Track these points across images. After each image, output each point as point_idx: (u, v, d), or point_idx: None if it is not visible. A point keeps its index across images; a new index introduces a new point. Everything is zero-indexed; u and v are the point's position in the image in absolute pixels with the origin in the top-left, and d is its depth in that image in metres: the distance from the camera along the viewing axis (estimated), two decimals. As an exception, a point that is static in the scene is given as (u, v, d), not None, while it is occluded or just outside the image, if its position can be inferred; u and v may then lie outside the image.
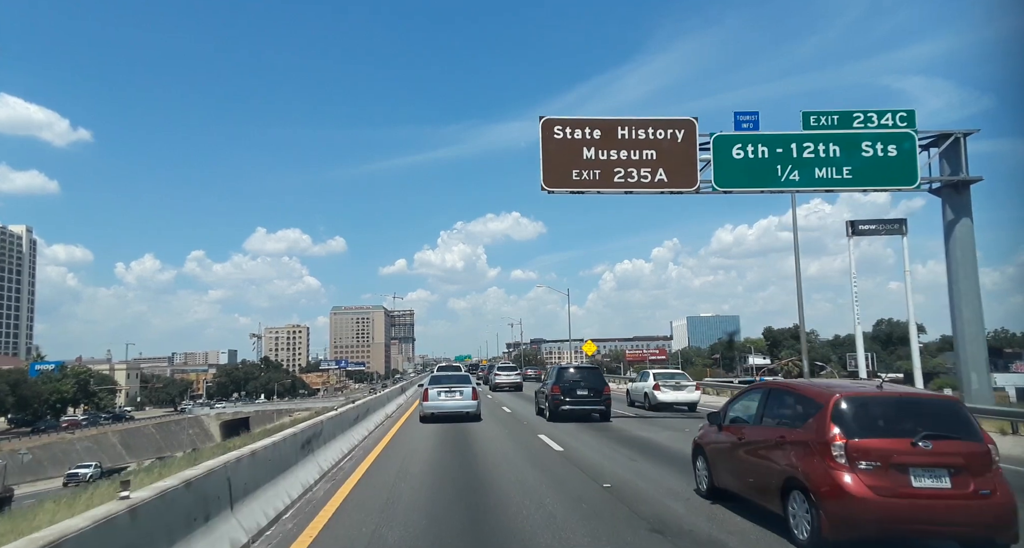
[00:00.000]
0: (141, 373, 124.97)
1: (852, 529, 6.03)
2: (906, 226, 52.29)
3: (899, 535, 6.06)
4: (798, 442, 6.71)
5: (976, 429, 6.36)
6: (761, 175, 19.23)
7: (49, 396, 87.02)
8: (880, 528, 5.98)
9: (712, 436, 8.78)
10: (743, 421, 8.12)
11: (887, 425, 6.41)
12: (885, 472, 6.05)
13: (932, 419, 6.39)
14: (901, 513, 5.95)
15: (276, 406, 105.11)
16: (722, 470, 8.33)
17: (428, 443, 15.07)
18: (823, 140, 19.13)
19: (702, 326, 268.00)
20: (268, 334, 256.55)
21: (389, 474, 10.90)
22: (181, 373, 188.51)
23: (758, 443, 7.52)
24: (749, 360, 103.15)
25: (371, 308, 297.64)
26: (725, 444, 8.29)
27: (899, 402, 6.79)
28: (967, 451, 6.15)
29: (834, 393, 6.67)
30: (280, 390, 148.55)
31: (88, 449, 75.27)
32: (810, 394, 7.02)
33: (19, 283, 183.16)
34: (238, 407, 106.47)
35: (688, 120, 19.52)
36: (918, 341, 22.01)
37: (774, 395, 7.77)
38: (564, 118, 19.61)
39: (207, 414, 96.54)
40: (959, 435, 6.26)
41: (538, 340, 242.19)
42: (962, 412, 6.54)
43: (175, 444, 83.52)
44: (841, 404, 6.49)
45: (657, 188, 19.51)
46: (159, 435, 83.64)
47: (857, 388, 7.05)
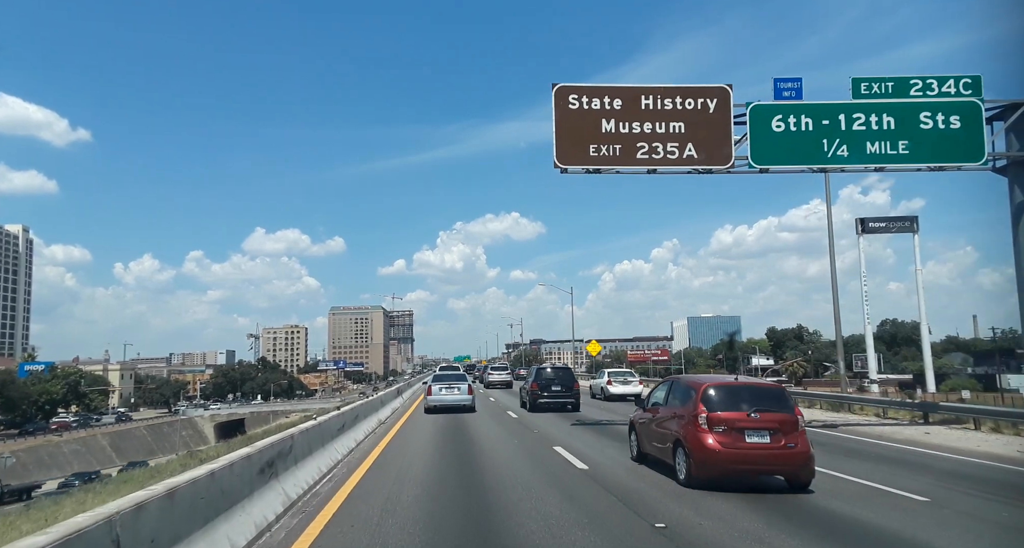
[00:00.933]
0: (136, 374, 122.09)
1: (709, 470, 9.03)
2: (917, 224, 49.94)
3: (738, 473, 9.09)
4: (682, 415, 9.72)
5: (790, 405, 9.45)
6: (804, 150, 16.95)
7: (38, 397, 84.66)
8: (726, 469, 9.01)
9: (640, 416, 11.85)
10: (658, 404, 11.10)
11: (734, 403, 9.33)
12: (730, 433, 9.02)
13: (763, 399, 9.45)
14: (739, 459, 8.97)
15: (272, 407, 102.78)
16: (644, 440, 11.41)
17: (425, 454, 12.81)
18: (876, 110, 16.84)
19: (703, 326, 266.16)
20: (266, 334, 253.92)
21: (375, 501, 8.63)
22: (178, 374, 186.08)
23: (664, 418, 10.56)
24: (752, 361, 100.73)
25: (370, 308, 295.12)
26: (646, 421, 11.35)
27: (745, 388, 9.85)
28: (781, 419, 9.15)
29: (704, 383, 9.92)
30: (277, 391, 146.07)
31: (76, 452, 72.89)
32: (692, 384, 10.24)
33: (15, 283, 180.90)
34: (233, 408, 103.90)
35: (722, 88, 17.23)
36: (919, 342, 21.26)
37: (675, 385, 10.98)
38: (581, 86, 17.31)
39: (201, 415, 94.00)
40: (778, 409, 9.27)
41: (537, 341, 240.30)
42: (783, 394, 9.82)
43: (167, 446, 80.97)
44: (708, 390, 9.56)
45: (686, 165, 17.23)
46: (151, 437, 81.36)
47: (720, 380, 10.68)
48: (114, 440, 78.26)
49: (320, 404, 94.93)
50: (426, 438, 15.96)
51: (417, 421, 20.95)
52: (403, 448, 14.18)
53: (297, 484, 8.97)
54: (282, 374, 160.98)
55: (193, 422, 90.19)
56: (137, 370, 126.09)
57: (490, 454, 13.05)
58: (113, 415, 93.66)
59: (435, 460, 12.38)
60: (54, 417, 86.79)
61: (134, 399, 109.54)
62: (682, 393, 10.29)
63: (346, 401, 28.55)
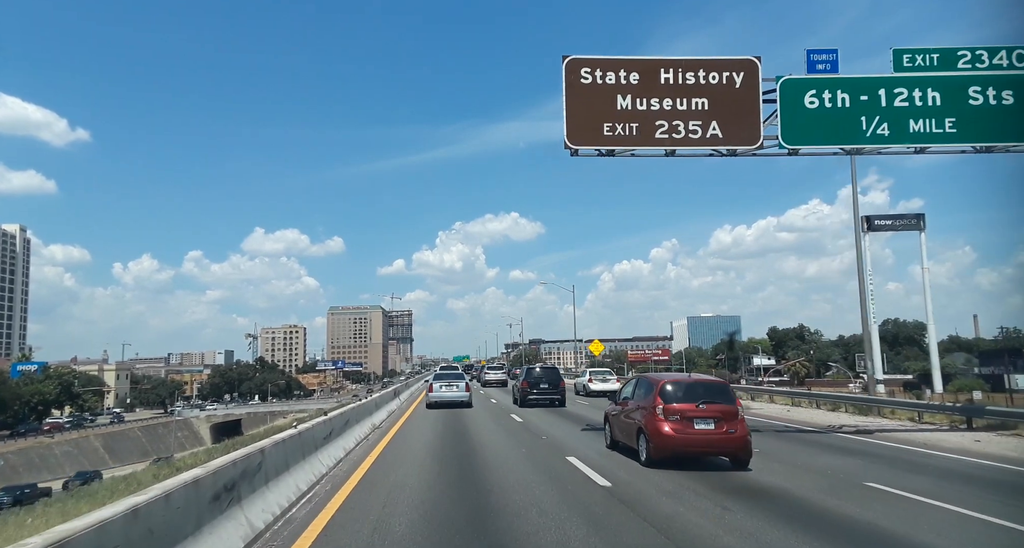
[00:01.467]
0: (131, 374, 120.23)
1: (664, 452, 10.94)
2: (924, 221, 48.19)
3: (688, 455, 11.03)
4: (645, 407, 11.51)
5: (732, 397, 11.35)
6: (841, 128, 15.41)
7: (31, 398, 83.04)
8: (678, 451, 10.95)
9: (612, 409, 13.48)
10: (627, 398, 12.70)
11: (686, 396, 11.16)
12: (681, 421, 10.91)
13: (710, 392, 11.32)
14: (689, 443, 10.88)
15: (269, 407, 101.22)
16: (616, 429, 13.00)
17: (422, 467, 11.25)
18: (919, 85, 15.28)
19: (703, 326, 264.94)
20: (264, 334, 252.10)
21: (361, 531, 7.10)
22: (176, 374, 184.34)
23: (631, 410, 12.19)
24: (754, 361, 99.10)
25: (369, 308, 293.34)
26: (618, 413, 12.95)
27: (696, 384, 11.64)
28: (724, 409, 10.99)
29: (662, 379, 11.73)
30: (275, 391, 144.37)
31: (68, 454, 71.30)
32: (653, 380, 12.00)
33: (12, 282, 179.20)
34: (229, 409, 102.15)
35: (749, 60, 15.68)
36: (922, 342, 20.46)
37: (640, 381, 12.74)
38: (594, 58, 15.75)
39: (196, 416, 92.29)
40: (722, 401, 11.14)
41: (537, 340, 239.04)
42: (727, 388, 11.77)
43: (162, 448, 79.10)
44: (666, 386, 11.38)
45: (709, 145, 15.70)
46: (145, 439, 79.65)
47: (676, 377, 12.28)
48: (107, 441, 76.64)
49: (317, 404, 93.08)
50: (424, 446, 14.42)
51: (415, 426, 19.42)
52: (398, 459, 12.63)
53: (267, 509, 7.44)
54: (280, 374, 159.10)
55: (189, 423, 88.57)
56: (134, 370, 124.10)
57: (497, 467, 11.50)
58: (108, 416, 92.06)
59: (434, 474, 10.83)
60: (47, 418, 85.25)
61: (130, 399, 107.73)
62: (645, 388, 12.08)
63: (341, 403, 27.37)
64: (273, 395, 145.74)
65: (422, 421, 20.93)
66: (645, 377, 12.82)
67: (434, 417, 22.48)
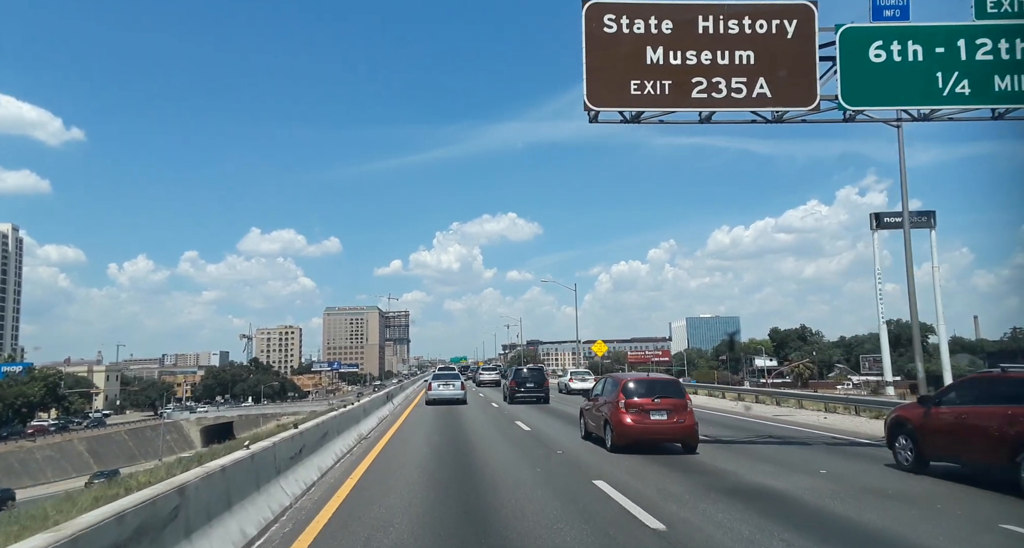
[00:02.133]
0: (122, 375, 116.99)
1: (625, 439, 12.65)
2: (935, 219, 45.74)
3: (646, 442, 12.68)
4: (610, 402, 13.29)
5: (683, 392, 13.36)
6: (912, 86, 12.99)
7: (14, 400, 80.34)
8: (636, 438, 12.63)
9: (586, 404, 15.76)
10: (598, 395, 14.80)
11: (644, 392, 12.96)
12: (640, 413, 12.59)
13: (664, 388, 13.26)
14: (645, 431, 12.58)
15: (262, 410, 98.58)
16: (588, 422, 15.14)
17: (413, 495, 8.78)
18: (1007, 35, 12.85)
19: (701, 327, 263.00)
20: (259, 335, 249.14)
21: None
22: (169, 375, 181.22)
23: (600, 405, 14.14)
24: (756, 362, 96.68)
25: (365, 309, 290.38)
26: (590, 408, 15.09)
27: (653, 381, 13.75)
28: (676, 402, 12.78)
29: (625, 378, 13.79)
30: (269, 392, 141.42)
31: (50, 459, 68.62)
32: (617, 379, 14.07)
33: (4, 282, 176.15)
34: (221, 411, 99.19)
35: (804, 5, 13.22)
36: (925, 343, 18.38)
37: (608, 380, 14.98)
38: (619, 3, 13.25)
39: (187, 418, 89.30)
40: (673, 395, 12.98)
41: (534, 341, 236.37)
42: (678, 384, 14.15)
43: (150, 451, 76.00)
44: (628, 384, 13.21)
45: (755, 106, 13.27)
46: (132, 442, 76.75)
47: (636, 376, 14.79)
48: (92, 445, 73.81)
49: (311, 406, 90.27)
50: (417, 465, 11.97)
51: (408, 436, 16.97)
52: (385, 481, 10.20)
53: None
54: (274, 375, 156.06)
55: (178, 426, 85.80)
56: (126, 371, 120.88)
57: (507, 493, 9.06)
58: (95, 418, 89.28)
59: (428, 507, 8.39)
60: (32, 420, 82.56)
61: (119, 401, 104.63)
62: (611, 386, 13.87)
63: (332, 406, 25.42)
64: (267, 397, 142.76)
65: (416, 429, 18.67)
66: (611, 376, 15.50)
67: (429, 423, 20.46)
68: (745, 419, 22.26)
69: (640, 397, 12.71)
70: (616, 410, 12.74)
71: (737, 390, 34.07)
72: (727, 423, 20.41)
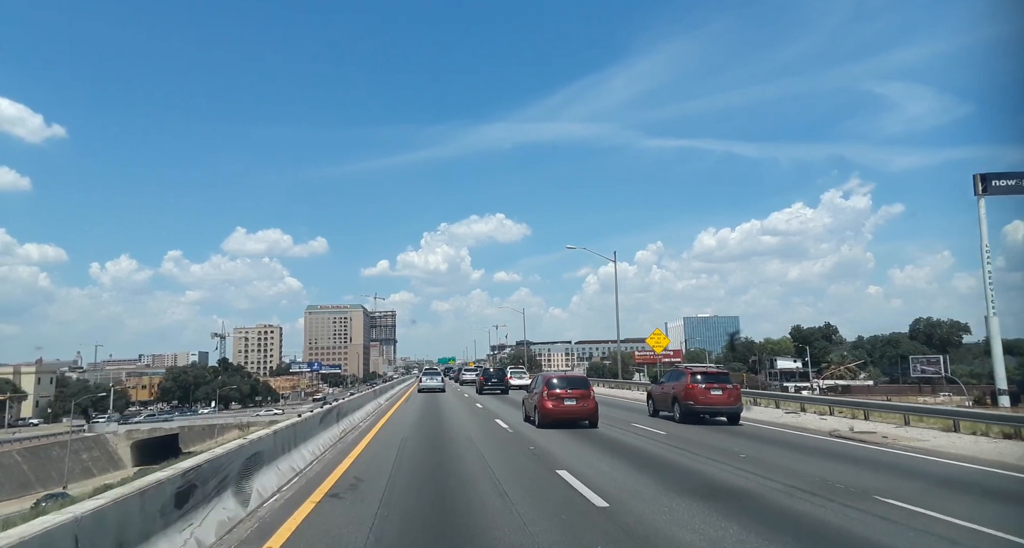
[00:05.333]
0: (57, 378, 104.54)
1: (547, 419, 18.35)
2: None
3: (562, 421, 18.31)
4: (539, 392, 19.05)
5: (588, 384, 19.83)
6: None
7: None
8: (555, 418, 18.30)
9: (526, 396, 21.83)
10: (533, 388, 20.87)
11: (561, 385, 19.05)
12: (557, 400, 18.49)
13: (574, 383, 19.51)
14: (562, 413, 18.39)
15: (212, 420, 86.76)
16: (527, 408, 20.70)
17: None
18: None
19: (700, 327, 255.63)
20: (237, 334, 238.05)
21: None
22: (138, 376, 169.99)
23: (533, 395, 19.80)
24: (778, 364, 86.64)
25: (349, 308, 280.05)
26: (527, 397, 21.29)
27: (568, 377, 20.42)
28: (583, 391, 18.95)
29: (549, 375, 20.52)
30: (237, 396, 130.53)
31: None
32: (544, 376, 20.48)
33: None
34: (159, 422, 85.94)
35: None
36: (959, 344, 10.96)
37: (538, 377, 21.49)
38: None
39: (114, 432, 75.26)
40: (581, 387, 19.20)
41: (523, 342, 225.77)
42: (585, 380, 20.94)
43: (51, 478, 61.36)
44: (551, 379, 19.47)
45: None
46: (27, 465, 61.77)
47: (557, 374, 22.90)
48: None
49: (272, 415, 78.45)
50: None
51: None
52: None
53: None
54: (244, 377, 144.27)
55: (102, 440, 72.25)
56: (57, 373, 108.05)
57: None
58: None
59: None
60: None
61: (51, 408, 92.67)
62: (540, 381, 19.86)
63: (299, 412, 16.04)
64: (236, 400, 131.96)
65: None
66: (541, 374, 22.79)
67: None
68: (906, 455, 12.07)
69: (558, 389, 18.82)
70: (542, 398, 18.68)
71: (797, 399, 25.04)
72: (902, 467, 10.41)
